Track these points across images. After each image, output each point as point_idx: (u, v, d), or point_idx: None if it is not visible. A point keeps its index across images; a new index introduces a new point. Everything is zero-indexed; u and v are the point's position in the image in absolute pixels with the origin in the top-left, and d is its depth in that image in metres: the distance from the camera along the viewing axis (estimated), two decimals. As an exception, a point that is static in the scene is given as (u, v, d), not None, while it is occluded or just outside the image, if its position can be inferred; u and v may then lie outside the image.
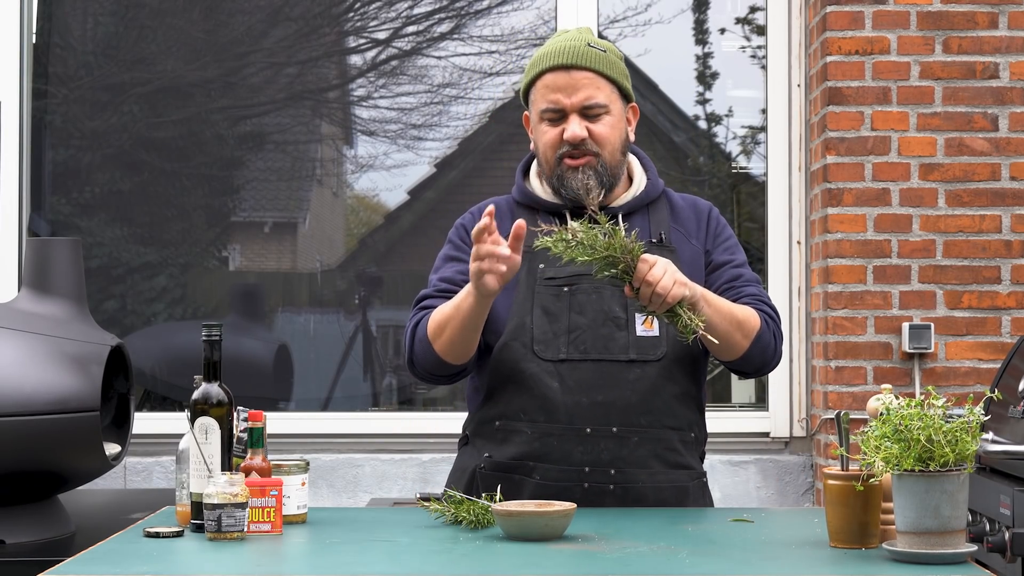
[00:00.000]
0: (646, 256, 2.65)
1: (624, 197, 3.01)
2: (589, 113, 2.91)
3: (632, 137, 3.01)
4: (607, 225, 2.64)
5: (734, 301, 2.90)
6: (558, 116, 2.91)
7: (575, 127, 2.90)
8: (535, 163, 3.07)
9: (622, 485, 2.86)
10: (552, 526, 2.47)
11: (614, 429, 2.86)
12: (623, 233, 2.63)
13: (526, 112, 3.02)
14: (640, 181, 3.04)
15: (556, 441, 2.86)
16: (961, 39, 4.58)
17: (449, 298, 2.89)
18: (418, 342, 2.89)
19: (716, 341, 2.74)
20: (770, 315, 2.94)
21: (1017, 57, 4.57)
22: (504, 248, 2.67)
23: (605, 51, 2.93)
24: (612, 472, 2.86)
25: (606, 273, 2.66)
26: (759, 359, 2.92)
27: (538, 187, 3.03)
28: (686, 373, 2.92)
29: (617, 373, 2.87)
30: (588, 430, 2.85)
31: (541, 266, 2.93)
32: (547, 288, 2.91)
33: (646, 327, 2.89)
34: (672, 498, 2.90)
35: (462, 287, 2.86)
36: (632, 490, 2.87)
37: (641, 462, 2.87)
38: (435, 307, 2.91)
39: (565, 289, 2.91)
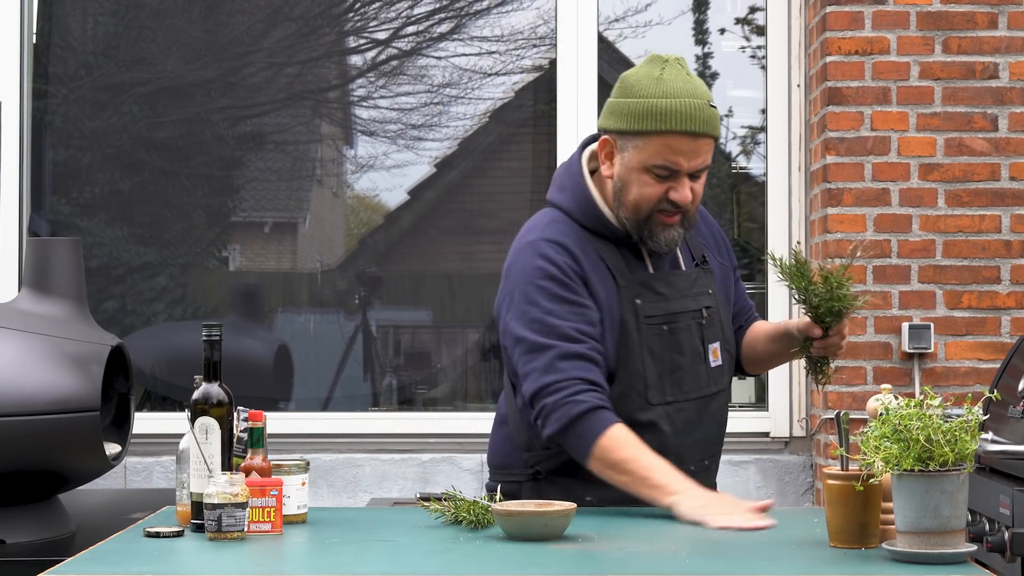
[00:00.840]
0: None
1: None
2: (696, 174, 2.84)
3: None
4: (845, 274, 2.78)
5: (751, 322, 3.07)
6: (669, 175, 2.81)
7: (686, 191, 2.81)
8: (594, 183, 2.92)
9: None
10: (552, 526, 2.47)
11: (706, 462, 2.93)
12: (859, 298, 2.82)
13: (607, 137, 2.86)
14: None
15: None
16: (961, 39, 4.58)
17: (598, 365, 2.77)
18: (576, 439, 2.74)
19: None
20: None
21: (1017, 57, 4.57)
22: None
23: (715, 106, 2.84)
24: None
25: (812, 313, 2.80)
26: None
27: (608, 212, 2.90)
28: (729, 394, 3.02)
29: (706, 408, 2.91)
30: (692, 468, 2.86)
31: (638, 302, 2.86)
32: (650, 327, 2.85)
33: (714, 357, 2.93)
34: None
35: (594, 335, 2.78)
36: None
37: (711, 487, 2.92)
38: (598, 387, 2.76)
39: (665, 328, 2.87)
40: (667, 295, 2.87)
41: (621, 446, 2.72)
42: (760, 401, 4.99)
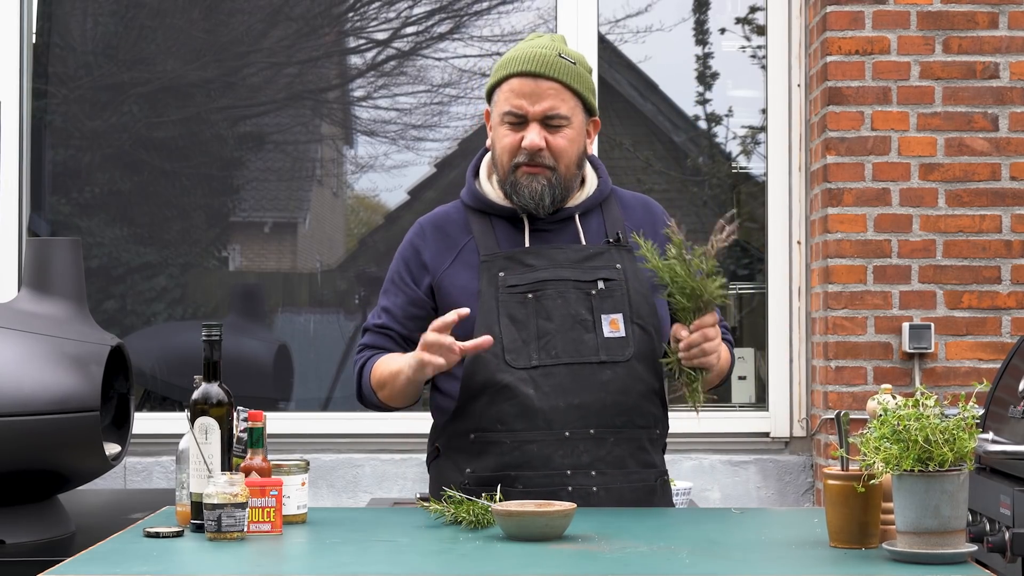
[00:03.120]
0: (715, 312, 2.76)
1: (578, 198, 3.01)
2: (550, 124, 2.91)
3: (590, 150, 3.03)
4: (711, 263, 2.71)
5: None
6: (519, 122, 2.92)
7: (534, 136, 2.90)
8: (485, 163, 3.06)
9: (604, 486, 2.87)
10: (552, 526, 2.47)
11: (591, 431, 2.87)
12: (719, 282, 2.72)
13: (487, 108, 3.03)
14: (592, 182, 3.05)
15: (536, 448, 2.86)
16: (961, 39, 4.58)
17: (387, 335, 2.99)
18: (364, 386, 2.99)
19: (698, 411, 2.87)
20: (732, 344, 3.10)
21: (1017, 57, 4.57)
22: (452, 343, 2.73)
23: (575, 63, 2.93)
24: (593, 474, 2.87)
25: (673, 302, 2.74)
26: (713, 388, 3.06)
27: (490, 190, 3.01)
28: (650, 370, 2.94)
29: (590, 375, 2.88)
30: (567, 433, 2.86)
31: (501, 274, 2.92)
32: (511, 296, 2.90)
33: (612, 328, 2.91)
34: (644, 497, 2.92)
35: (399, 323, 2.98)
36: (613, 490, 2.88)
37: (619, 462, 2.89)
38: (377, 348, 2.99)
39: (529, 296, 2.90)
40: (536, 266, 2.92)
41: (375, 376, 2.94)
42: (760, 401, 4.99)
